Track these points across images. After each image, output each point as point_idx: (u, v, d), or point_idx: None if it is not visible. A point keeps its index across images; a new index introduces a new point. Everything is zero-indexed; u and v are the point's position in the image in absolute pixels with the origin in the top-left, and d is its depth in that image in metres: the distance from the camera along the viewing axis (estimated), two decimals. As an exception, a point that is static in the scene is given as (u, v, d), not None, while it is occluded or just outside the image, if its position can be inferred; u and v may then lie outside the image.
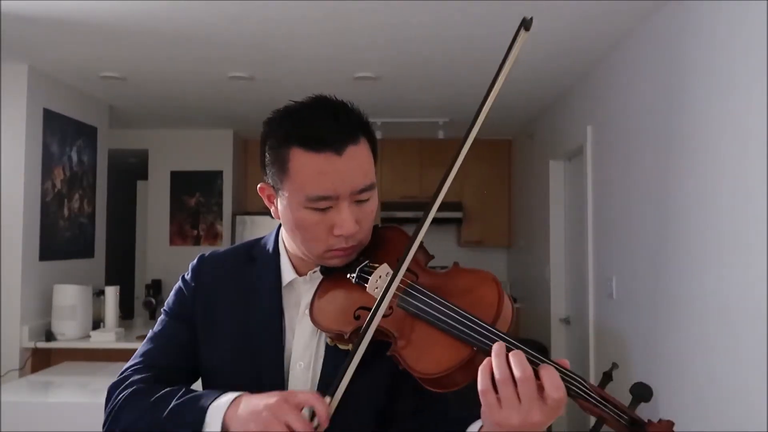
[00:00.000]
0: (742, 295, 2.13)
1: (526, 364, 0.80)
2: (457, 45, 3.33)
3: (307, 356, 1.05)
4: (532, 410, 0.79)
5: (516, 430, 0.80)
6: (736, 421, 2.16)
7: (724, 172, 2.24)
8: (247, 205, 6.09)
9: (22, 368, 3.60)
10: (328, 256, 1.02)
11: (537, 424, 0.80)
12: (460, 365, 0.85)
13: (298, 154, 0.96)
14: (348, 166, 0.96)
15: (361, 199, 0.99)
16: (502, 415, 0.80)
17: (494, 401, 0.80)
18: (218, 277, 1.14)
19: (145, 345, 1.13)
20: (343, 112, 0.99)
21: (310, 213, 0.98)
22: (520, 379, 0.79)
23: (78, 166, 4.25)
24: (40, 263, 3.79)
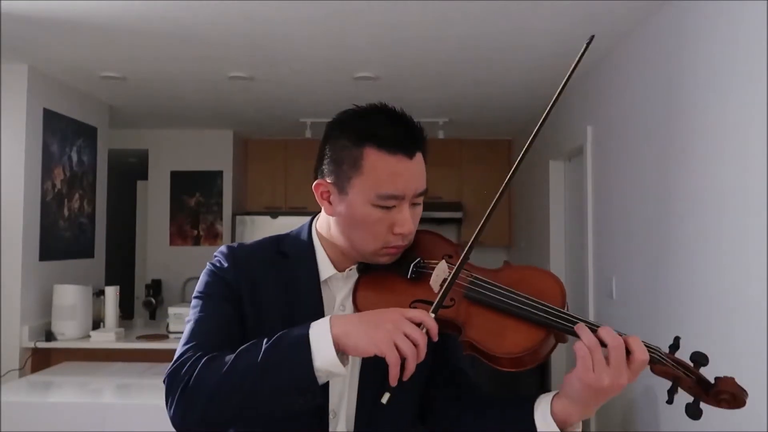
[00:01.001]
0: (742, 294, 2.13)
1: (615, 334, 0.93)
2: (457, 45, 3.33)
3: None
4: (621, 373, 0.92)
5: (603, 391, 0.93)
6: (736, 421, 2.16)
7: (724, 172, 2.24)
8: (247, 205, 6.09)
9: (22, 368, 3.60)
10: (381, 253, 1.07)
11: (620, 386, 0.93)
12: (538, 345, 0.96)
13: (372, 153, 1.03)
14: (415, 170, 1.05)
15: (417, 203, 1.08)
16: (594, 377, 0.92)
17: (590, 365, 0.92)
18: (255, 267, 1.12)
19: (190, 329, 1.05)
20: (413, 122, 1.08)
21: (375, 210, 1.04)
22: (612, 346, 0.92)
23: (78, 166, 4.25)
24: (40, 263, 3.79)
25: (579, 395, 0.95)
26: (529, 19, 2.94)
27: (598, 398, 0.95)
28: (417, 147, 1.05)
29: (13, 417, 2.49)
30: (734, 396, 0.96)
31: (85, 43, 3.30)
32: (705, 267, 2.37)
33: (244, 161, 6.13)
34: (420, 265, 1.09)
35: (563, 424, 0.99)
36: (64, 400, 2.80)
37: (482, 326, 0.99)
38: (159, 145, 5.79)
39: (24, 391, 2.84)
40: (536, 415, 0.99)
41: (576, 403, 0.97)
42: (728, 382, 0.97)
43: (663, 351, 0.97)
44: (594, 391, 0.93)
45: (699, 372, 0.98)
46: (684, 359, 0.97)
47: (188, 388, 0.93)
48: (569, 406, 0.98)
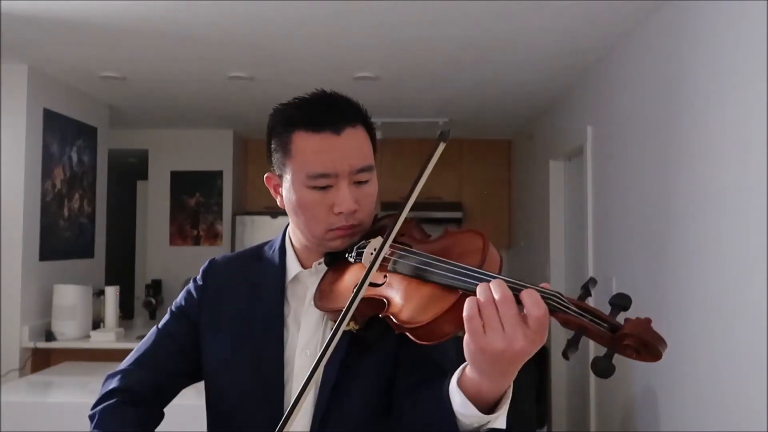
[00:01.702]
0: (742, 295, 2.13)
1: (506, 287, 0.81)
2: (457, 45, 3.33)
3: (313, 344, 1.09)
4: (515, 334, 0.79)
5: (500, 356, 0.80)
6: (736, 421, 2.16)
7: (725, 172, 2.24)
8: (247, 205, 6.09)
9: (22, 368, 3.60)
10: (329, 237, 1.06)
11: (520, 351, 0.80)
12: (446, 310, 0.86)
13: (299, 136, 1.03)
14: (346, 145, 1.03)
15: (360, 180, 1.05)
16: (486, 340, 0.80)
17: (479, 326, 0.80)
18: (227, 278, 1.19)
19: (145, 340, 1.20)
20: (341, 99, 1.07)
21: (311, 192, 1.03)
22: (500, 300, 0.79)
23: (78, 166, 4.25)
24: (40, 263, 3.79)
25: (478, 363, 0.83)
26: (529, 19, 2.94)
27: (500, 365, 0.81)
28: (345, 122, 1.03)
29: (13, 417, 2.49)
30: (644, 343, 0.78)
31: (85, 43, 3.30)
32: (705, 267, 2.37)
33: (244, 161, 6.13)
34: (362, 245, 1.05)
35: (478, 396, 0.86)
36: (64, 400, 2.80)
37: (403, 299, 0.92)
38: (159, 145, 5.79)
39: (24, 391, 2.84)
40: (451, 389, 0.89)
41: (479, 373, 0.84)
42: (637, 324, 0.80)
43: (567, 297, 0.83)
44: (491, 356, 0.80)
45: (613, 319, 0.82)
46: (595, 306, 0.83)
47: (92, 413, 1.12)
48: (475, 377, 0.86)
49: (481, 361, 0.83)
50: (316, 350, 1.08)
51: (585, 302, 0.84)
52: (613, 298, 0.83)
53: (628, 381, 3.12)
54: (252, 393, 1.09)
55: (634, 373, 3.06)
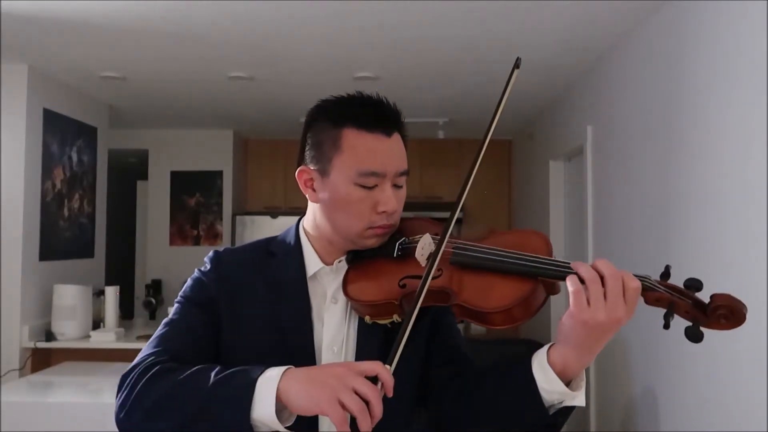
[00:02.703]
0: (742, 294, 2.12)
1: (612, 266, 0.92)
2: (457, 45, 3.33)
3: (339, 341, 1.10)
4: (617, 306, 0.89)
5: (599, 327, 0.90)
6: (736, 421, 2.16)
7: (725, 172, 2.24)
8: (247, 205, 6.09)
9: (22, 368, 3.60)
10: (367, 234, 1.07)
11: (620, 320, 0.90)
12: (528, 295, 0.95)
13: (351, 133, 1.05)
14: (394, 148, 1.07)
15: (398, 184, 1.09)
16: (590, 313, 0.89)
17: (584, 301, 0.89)
18: (240, 270, 1.14)
19: (159, 332, 1.08)
20: (390, 104, 1.11)
21: (357, 189, 1.05)
22: (610, 275, 0.90)
23: (78, 166, 4.25)
24: (40, 263, 3.79)
25: (574, 336, 0.92)
26: (529, 19, 2.94)
27: (593, 337, 0.91)
28: (394, 126, 1.08)
29: (13, 417, 2.49)
30: (732, 310, 0.95)
31: (85, 43, 3.30)
32: (705, 267, 2.37)
33: (244, 161, 6.13)
34: (405, 242, 1.09)
35: (563, 373, 0.95)
36: (64, 400, 2.80)
37: (471, 288, 0.99)
38: (159, 145, 5.79)
39: (24, 391, 2.84)
40: (534, 366, 0.97)
41: (572, 347, 0.93)
42: (724, 297, 0.95)
43: (654, 278, 0.97)
44: (590, 328, 0.90)
45: (694, 295, 0.96)
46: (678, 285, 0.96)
47: (132, 396, 0.95)
48: (565, 351, 0.94)
49: (580, 332, 0.91)
50: (341, 347, 1.09)
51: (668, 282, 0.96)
52: (687, 281, 0.97)
53: (628, 381, 3.12)
54: None
55: (634, 373, 3.06)
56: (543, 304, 0.98)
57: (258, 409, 0.87)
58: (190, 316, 1.10)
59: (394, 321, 1.04)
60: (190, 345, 1.06)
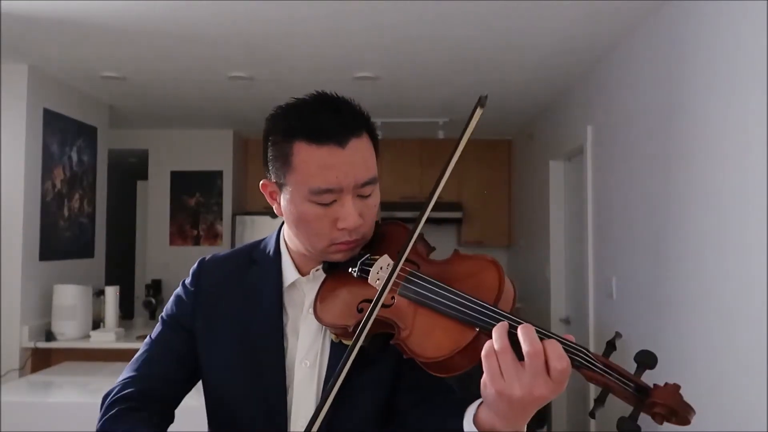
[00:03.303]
0: (742, 295, 2.13)
1: (535, 337, 0.80)
2: (457, 45, 3.33)
3: (312, 354, 1.06)
4: (536, 383, 0.79)
5: (518, 401, 0.80)
6: (736, 421, 2.16)
7: (724, 172, 2.24)
8: (247, 205, 6.09)
9: (22, 368, 3.60)
10: (331, 251, 1.02)
11: (540, 398, 0.80)
12: (463, 347, 0.86)
13: (301, 148, 0.97)
14: (351, 159, 0.97)
15: (364, 194, 1.00)
16: (504, 384, 0.80)
17: (497, 370, 0.81)
18: (219, 280, 1.14)
19: (140, 353, 1.14)
20: (346, 106, 1.01)
21: (313, 207, 0.98)
22: (529, 353, 0.79)
23: (78, 166, 4.25)
24: (40, 263, 3.79)
25: (494, 405, 0.83)
26: (529, 19, 2.94)
27: (515, 409, 0.82)
28: (350, 133, 0.97)
29: (13, 417, 2.49)
30: (672, 410, 0.79)
31: (85, 43, 3.30)
32: (705, 267, 2.37)
33: (244, 161, 6.13)
34: (366, 262, 1.02)
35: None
36: (64, 400, 2.80)
37: (417, 327, 0.91)
38: (159, 145, 5.79)
39: (24, 391, 2.84)
40: (465, 422, 0.89)
41: (495, 414, 0.85)
42: (666, 392, 0.80)
43: (592, 354, 0.83)
44: (507, 400, 0.81)
45: (639, 379, 0.82)
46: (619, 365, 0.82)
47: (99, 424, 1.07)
48: (491, 417, 0.86)
49: (498, 403, 0.82)
50: (315, 360, 1.05)
51: (609, 359, 0.83)
52: (637, 355, 0.83)
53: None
54: (253, 403, 1.06)
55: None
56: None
57: None
58: (169, 336, 1.14)
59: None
60: (167, 364, 1.12)
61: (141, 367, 1.11)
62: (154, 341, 1.15)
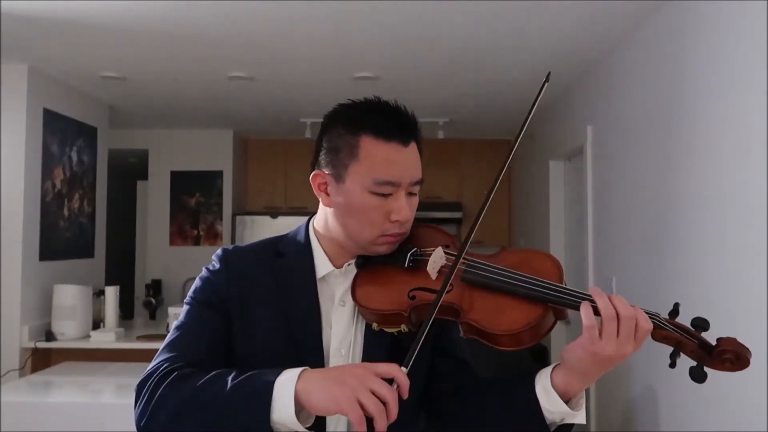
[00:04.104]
0: (742, 294, 2.13)
1: (628, 304, 0.94)
2: (457, 45, 3.33)
3: (346, 344, 1.10)
4: (627, 343, 0.93)
5: (606, 360, 0.93)
6: (736, 421, 2.16)
7: (725, 172, 2.24)
8: (247, 205, 6.09)
9: (22, 368, 3.60)
10: (379, 242, 1.08)
11: (626, 355, 0.94)
12: (536, 321, 0.96)
13: (368, 141, 1.05)
14: (411, 158, 1.08)
15: (413, 192, 1.10)
16: (600, 346, 0.92)
17: (596, 335, 0.92)
18: (248, 267, 1.14)
19: (172, 337, 1.08)
20: (407, 112, 1.12)
21: (372, 198, 1.05)
22: (625, 316, 0.92)
23: (78, 166, 4.25)
24: (40, 263, 3.79)
25: (581, 365, 0.96)
26: (529, 19, 2.94)
27: (598, 366, 0.95)
28: (411, 136, 1.09)
29: (13, 417, 2.49)
30: (737, 355, 0.96)
31: (85, 43, 3.30)
32: (705, 267, 2.37)
33: (244, 161, 6.13)
34: (417, 253, 1.09)
35: (564, 394, 0.98)
36: (64, 400, 2.80)
37: (481, 307, 1.00)
38: (159, 145, 5.79)
39: (24, 391, 2.84)
40: (537, 388, 0.99)
41: (576, 373, 0.97)
42: (730, 341, 0.96)
43: (663, 317, 0.98)
44: (598, 360, 0.94)
45: (700, 335, 0.97)
46: (685, 324, 0.97)
47: (152, 402, 0.95)
48: (569, 376, 0.98)
49: (587, 362, 0.95)
50: (349, 350, 1.10)
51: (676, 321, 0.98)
52: (694, 320, 0.97)
53: (628, 381, 3.12)
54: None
55: (634, 373, 3.06)
56: (551, 329, 1.01)
57: (277, 410, 0.89)
58: (201, 319, 1.09)
59: (402, 330, 1.05)
60: (203, 348, 1.06)
61: (179, 347, 1.05)
62: (186, 323, 1.09)
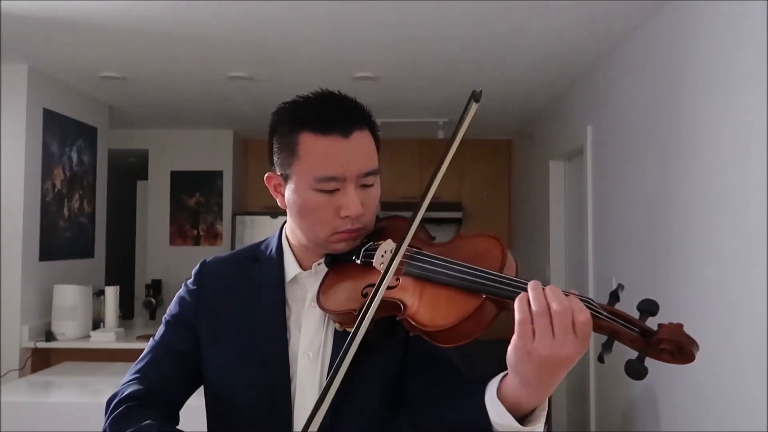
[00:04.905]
0: (742, 294, 2.13)
1: (563, 296, 0.82)
2: (457, 45, 3.33)
3: (315, 346, 1.08)
4: (565, 342, 0.81)
5: (546, 362, 0.82)
6: (736, 422, 2.16)
7: (724, 172, 2.24)
8: (247, 205, 6.09)
9: (22, 368, 3.60)
10: (333, 240, 1.05)
11: (566, 358, 0.82)
12: (471, 313, 0.88)
13: (307, 137, 1.02)
14: (354, 149, 1.02)
15: (366, 184, 1.05)
16: (534, 345, 0.82)
17: (529, 332, 0.82)
18: (222, 279, 1.16)
19: (144, 355, 1.15)
20: (349, 102, 1.07)
21: (317, 195, 1.02)
22: (557, 311, 0.81)
23: (78, 166, 4.25)
24: (40, 263, 3.79)
25: (522, 370, 0.84)
26: (529, 19, 2.94)
27: (543, 372, 0.83)
28: (353, 125, 1.03)
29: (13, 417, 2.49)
30: (678, 346, 0.81)
31: (85, 43, 3.30)
32: (705, 267, 2.37)
33: (244, 161, 6.13)
34: (369, 248, 1.05)
35: (517, 406, 0.87)
36: (64, 400, 2.80)
37: (420, 302, 0.93)
38: (159, 145, 5.79)
39: (24, 391, 2.84)
40: (486, 398, 0.90)
41: (522, 381, 0.85)
42: (671, 328, 0.82)
43: (597, 303, 0.86)
44: (535, 363, 0.82)
45: (643, 323, 0.84)
46: (625, 311, 0.86)
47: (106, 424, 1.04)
48: (516, 386, 0.86)
49: (526, 366, 0.83)
50: (318, 352, 1.08)
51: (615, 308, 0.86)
52: (641, 303, 0.86)
53: (628, 381, 3.12)
54: (257, 397, 1.07)
55: (634, 373, 3.06)
56: (494, 320, 0.92)
57: None
58: (172, 336, 1.15)
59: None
60: (171, 365, 1.12)
61: (145, 369, 1.12)
62: (157, 343, 1.15)
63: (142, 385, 1.08)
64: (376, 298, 0.91)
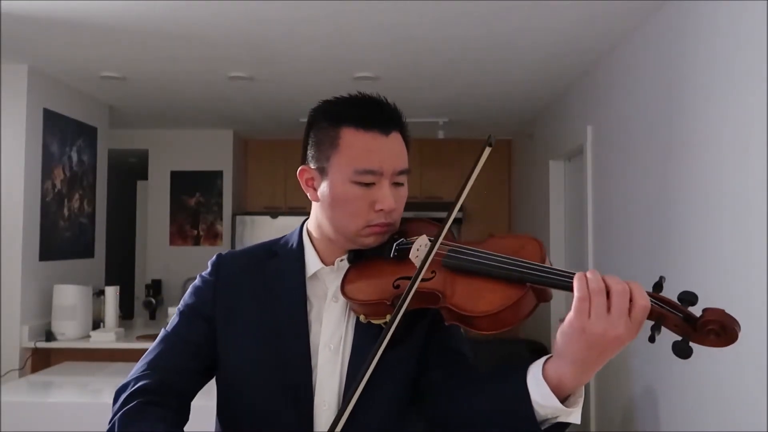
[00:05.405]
0: (742, 294, 2.13)
1: (621, 280, 0.88)
2: (457, 45, 3.33)
3: (336, 339, 1.10)
4: (619, 322, 0.86)
5: (598, 340, 0.86)
6: (736, 422, 2.16)
7: (724, 172, 2.24)
8: (247, 205, 6.09)
9: (22, 368, 3.60)
10: (364, 233, 1.08)
11: (616, 338, 0.86)
12: (516, 301, 0.93)
13: (349, 132, 1.07)
14: (392, 147, 1.08)
15: (399, 182, 1.10)
16: (589, 321, 0.86)
17: (586, 309, 0.87)
18: (240, 271, 1.17)
19: (155, 345, 1.14)
20: (388, 104, 1.13)
21: (354, 187, 1.06)
22: (617, 291, 0.86)
23: (78, 166, 4.25)
24: (40, 263, 3.79)
25: (571, 349, 0.88)
26: (529, 19, 2.94)
27: (591, 352, 0.87)
28: (392, 125, 1.09)
29: (13, 417, 2.49)
30: (723, 327, 0.87)
31: (85, 43, 3.30)
32: (705, 266, 2.37)
33: (244, 161, 6.13)
34: (402, 243, 1.10)
35: (558, 388, 0.90)
36: (64, 400, 2.80)
37: (461, 292, 0.99)
38: (159, 145, 5.79)
39: (24, 391, 2.84)
40: (528, 378, 0.93)
41: (568, 361, 0.89)
42: (717, 312, 0.88)
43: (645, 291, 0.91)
44: (586, 341, 0.86)
45: (687, 309, 0.90)
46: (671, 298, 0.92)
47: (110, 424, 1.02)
48: (561, 366, 0.90)
49: (576, 344, 0.87)
50: (339, 345, 1.10)
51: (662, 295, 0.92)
52: (681, 294, 0.91)
53: (628, 381, 3.12)
54: (277, 389, 1.08)
55: (634, 373, 3.06)
56: (533, 310, 0.97)
57: None
58: (186, 327, 1.14)
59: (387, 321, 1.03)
60: (184, 355, 1.12)
61: (157, 360, 1.11)
62: (170, 333, 1.15)
63: (154, 377, 1.07)
64: (413, 286, 0.96)
